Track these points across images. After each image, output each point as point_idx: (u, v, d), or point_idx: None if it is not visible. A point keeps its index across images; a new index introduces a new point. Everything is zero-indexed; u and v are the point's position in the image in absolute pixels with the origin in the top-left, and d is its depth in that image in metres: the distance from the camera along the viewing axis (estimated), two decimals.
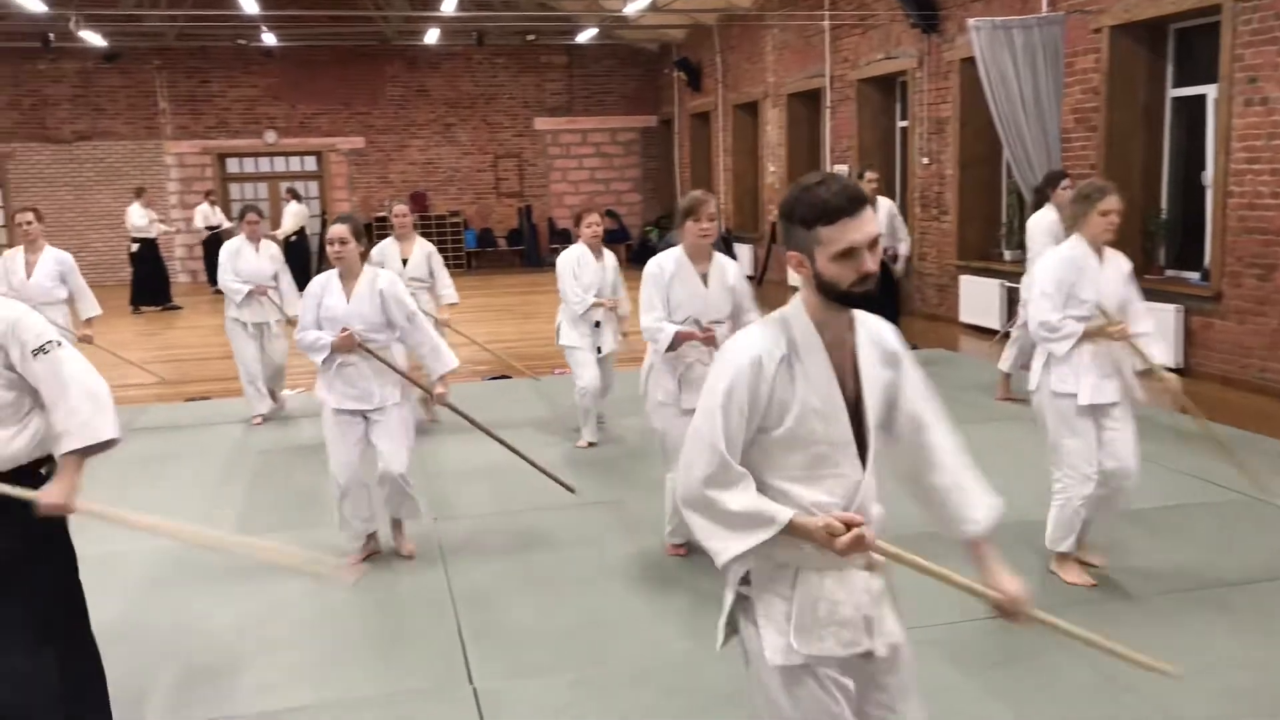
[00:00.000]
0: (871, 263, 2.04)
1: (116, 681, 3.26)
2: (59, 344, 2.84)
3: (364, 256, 4.69)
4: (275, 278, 7.69)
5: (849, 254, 2.01)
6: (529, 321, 12.74)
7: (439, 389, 4.81)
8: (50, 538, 2.93)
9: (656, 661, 3.83)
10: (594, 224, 6.55)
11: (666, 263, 4.61)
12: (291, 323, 7.26)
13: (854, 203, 2.01)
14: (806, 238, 2.05)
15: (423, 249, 7.42)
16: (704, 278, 4.55)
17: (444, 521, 5.37)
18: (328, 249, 4.63)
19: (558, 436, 7.08)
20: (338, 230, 4.56)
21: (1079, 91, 8.84)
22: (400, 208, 7.42)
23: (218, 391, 8.85)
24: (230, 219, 16.06)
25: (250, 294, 7.52)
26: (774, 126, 15.04)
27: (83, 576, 3.10)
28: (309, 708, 3.57)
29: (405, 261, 7.27)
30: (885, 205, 8.62)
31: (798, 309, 2.13)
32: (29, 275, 7.10)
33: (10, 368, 2.79)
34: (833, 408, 2.11)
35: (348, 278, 4.65)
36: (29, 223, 7.10)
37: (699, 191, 4.70)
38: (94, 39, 16.12)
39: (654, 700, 3.56)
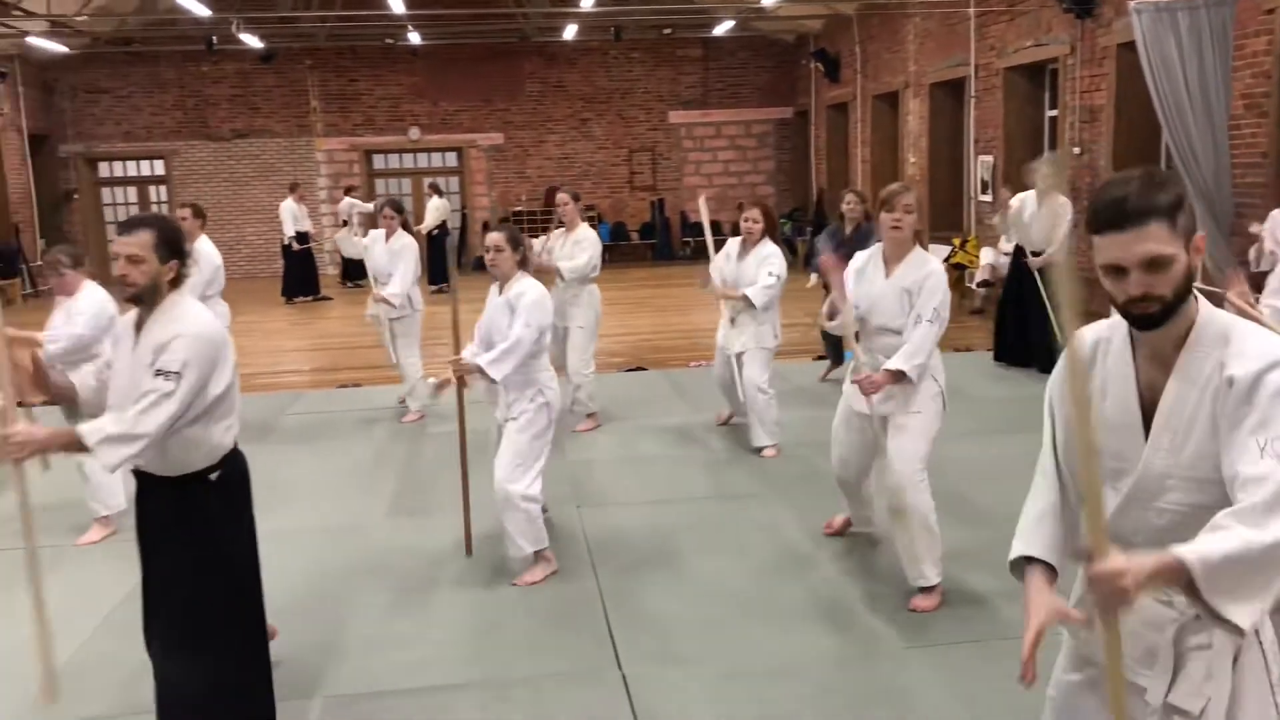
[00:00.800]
0: (1139, 286, 1.77)
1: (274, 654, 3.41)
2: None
3: (523, 264, 4.63)
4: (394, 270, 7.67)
5: (1114, 271, 1.80)
6: (661, 315, 12.79)
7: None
8: (223, 516, 3.07)
9: (805, 656, 3.81)
10: (747, 218, 6.39)
11: (864, 258, 4.32)
12: (388, 303, 7.38)
13: (1124, 216, 1.76)
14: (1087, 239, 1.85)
15: (587, 234, 7.21)
16: (888, 275, 4.18)
17: (588, 510, 5.44)
18: (485, 255, 4.67)
19: (700, 429, 7.09)
20: (493, 238, 4.58)
21: (1249, 76, 8.35)
22: (561, 195, 7.26)
23: (366, 379, 9.16)
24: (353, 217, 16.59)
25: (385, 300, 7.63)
26: (915, 117, 14.71)
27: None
28: (458, 686, 3.67)
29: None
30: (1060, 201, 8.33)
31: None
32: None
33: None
34: (1124, 423, 1.89)
35: (502, 285, 4.64)
36: (183, 219, 7.27)
37: (896, 184, 4.31)
38: (252, 41, 16.88)
39: (803, 696, 3.53)
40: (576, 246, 7.03)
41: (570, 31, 17.61)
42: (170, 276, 2.95)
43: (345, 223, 16.45)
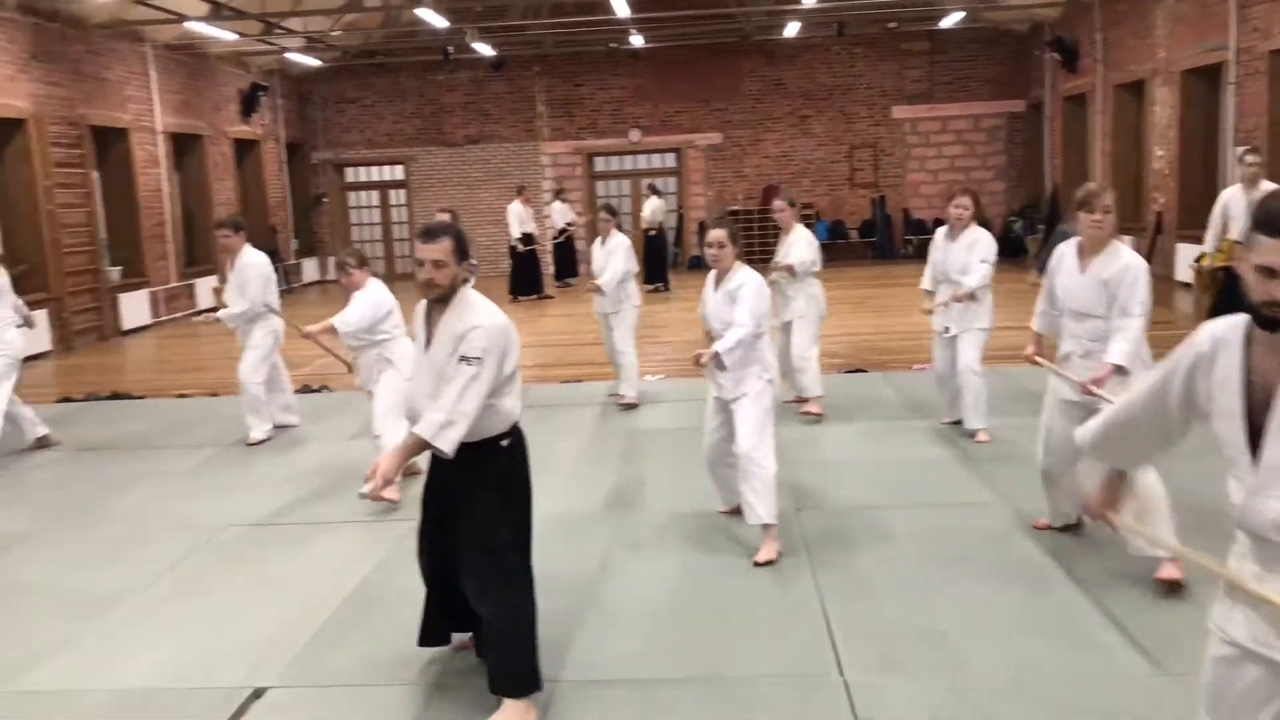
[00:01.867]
0: None
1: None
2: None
3: (740, 258, 4.82)
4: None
5: (1268, 273, 1.94)
6: (882, 315, 12.46)
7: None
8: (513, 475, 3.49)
9: (1033, 673, 3.60)
10: (958, 205, 6.42)
11: (1064, 251, 4.57)
12: (599, 290, 7.82)
13: None
14: (1250, 234, 1.99)
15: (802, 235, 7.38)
16: (1084, 270, 4.44)
17: (807, 512, 5.35)
18: (705, 251, 4.84)
19: (920, 431, 6.86)
20: (716, 235, 4.75)
21: None
22: (778, 202, 7.36)
23: (587, 375, 9.39)
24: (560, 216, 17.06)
25: (598, 288, 7.88)
26: (1163, 107, 13.70)
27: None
28: (678, 681, 3.67)
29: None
30: (1268, 190, 7.80)
31: None
32: None
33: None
34: (1230, 415, 2.08)
35: (719, 278, 4.81)
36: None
37: (1094, 183, 4.62)
38: (484, 50, 17.68)
39: (1032, 715, 3.34)
40: (792, 248, 7.25)
41: (791, 29, 17.46)
42: (462, 276, 3.35)
43: (565, 230, 16.98)
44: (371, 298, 5.82)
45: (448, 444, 3.20)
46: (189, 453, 7.19)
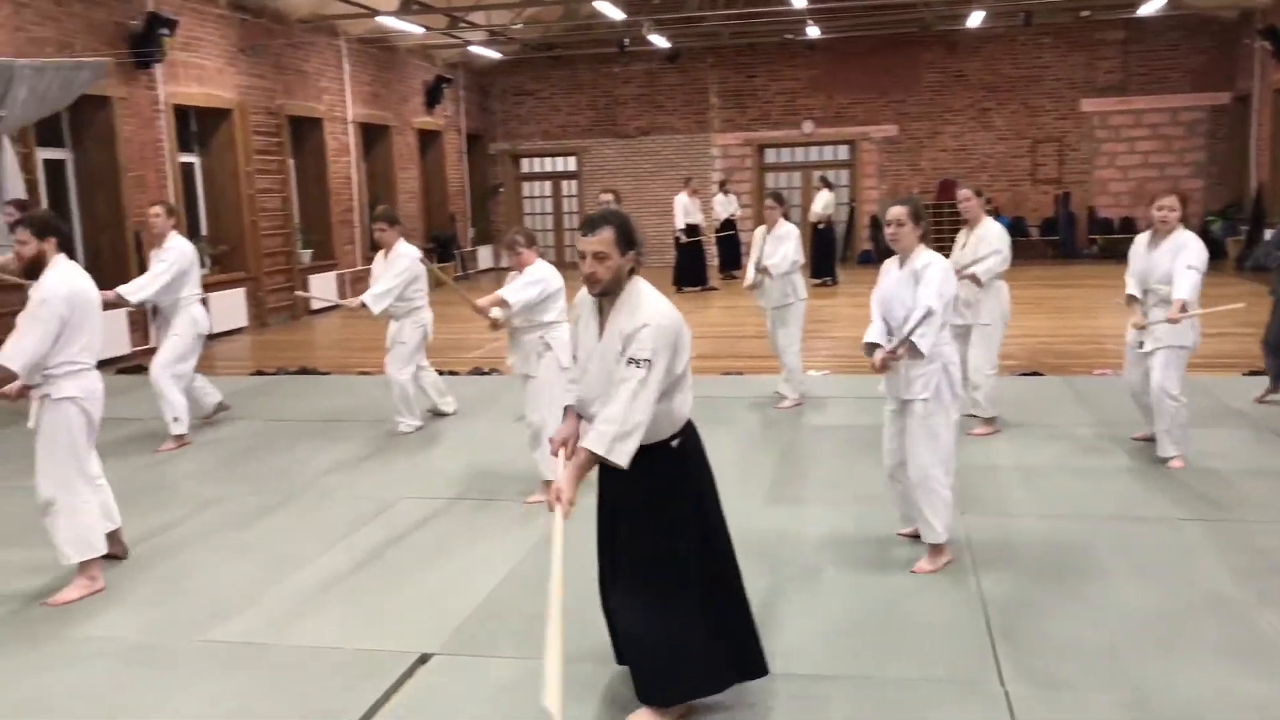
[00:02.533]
0: None
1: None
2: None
3: (924, 238, 4.52)
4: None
5: None
6: (1062, 317, 11.91)
7: None
8: (682, 477, 3.32)
9: (1221, 703, 3.37)
10: (1162, 206, 5.78)
11: None
12: (767, 273, 7.68)
13: None
14: None
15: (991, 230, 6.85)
16: None
17: (974, 517, 5.18)
18: (886, 230, 4.60)
19: (1105, 441, 6.53)
20: (896, 212, 4.48)
21: None
22: (963, 191, 6.86)
23: (747, 367, 9.35)
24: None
25: (766, 271, 7.75)
26: None
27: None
28: (830, 678, 3.62)
29: None
30: None
31: None
32: None
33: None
34: None
35: (903, 259, 4.54)
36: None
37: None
38: (660, 42, 17.81)
39: None
40: (982, 243, 6.74)
41: (975, 19, 16.86)
42: (630, 267, 3.19)
43: (728, 221, 16.89)
44: (540, 275, 5.76)
45: (623, 457, 3.07)
46: (368, 427, 7.55)
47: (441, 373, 8.35)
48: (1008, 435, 6.77)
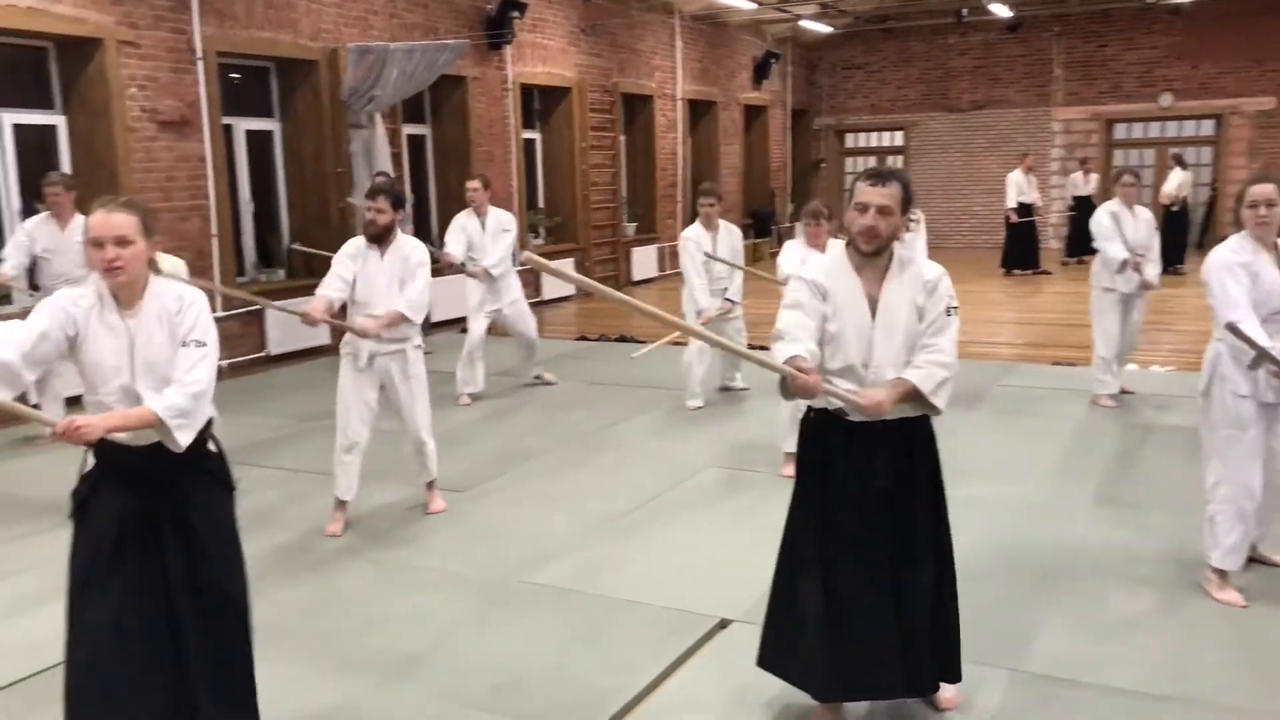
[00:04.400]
0: None
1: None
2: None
3: None
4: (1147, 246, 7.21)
5: None
6: None
7: None
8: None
9: None
10: None
11: None
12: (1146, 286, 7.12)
13: None
14: None
15: None
16: None
17: None
18: (1246, 213, 3.96)
19: None
20: (1261, 191, 3.91)
21: None
22: None
23: (1081, 358, 8.71)
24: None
25: (1124, 263, 7.09)
26: None
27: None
28: (1157, 697, 3.33)
29: None
30: None
31: None
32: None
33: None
34: None
35: (1265, 247, 3.97)
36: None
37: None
38: (1000, 11, 16.87)
39: None
40: None
41: None
42: (904, 228, 3.07)
43: (1076, 201, 15.76)
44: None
45: (941, 402, 2.97)
46: (680, 397, 7.76)
47: (753, 347, 8.41)
48: None
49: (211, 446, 2.91)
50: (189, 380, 2.75)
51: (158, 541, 2.78)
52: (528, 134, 13.32)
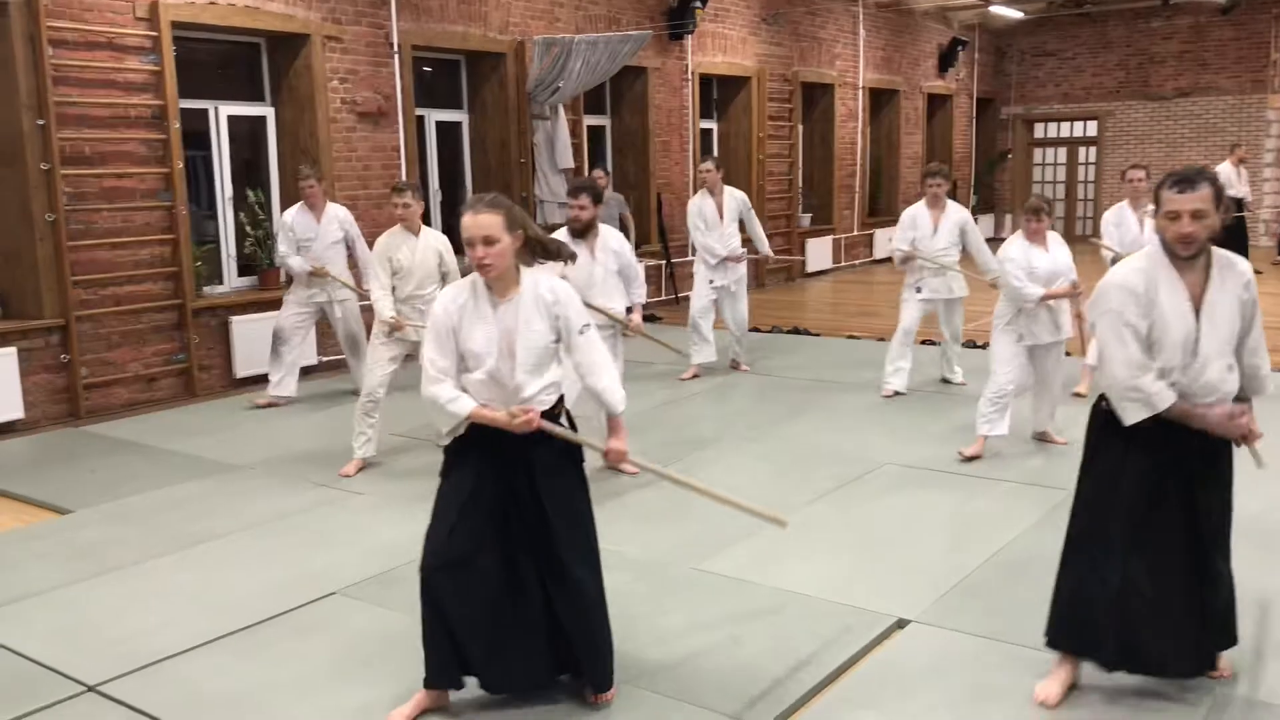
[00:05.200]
0: None
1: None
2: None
3: None
4: None
5: None
6: None
7: None
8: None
9: None
10: None
11: None
12: None
13: None
14: None
15: None
16: None
17: None
18: None
19: None
20: None
21: None
22: None
23: None
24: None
25: None
26: None
27: None
28: None
29: None
30: None
31: None
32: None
33: None
34: None
35: None
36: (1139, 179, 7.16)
37: None
38: None
39: None
40: None
41: None
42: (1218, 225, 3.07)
43: None
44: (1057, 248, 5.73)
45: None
46: (856, 391, 7.62)
47: (967, 344, 8.22)
48: None
49: (564, 420, 3.25)
50: (599, 362, 3.24)
51: (511, 500, 3.15)
52: (705, 124, 13.33)
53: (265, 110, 8.69)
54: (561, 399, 3.26)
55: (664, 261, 12.34)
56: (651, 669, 3.50)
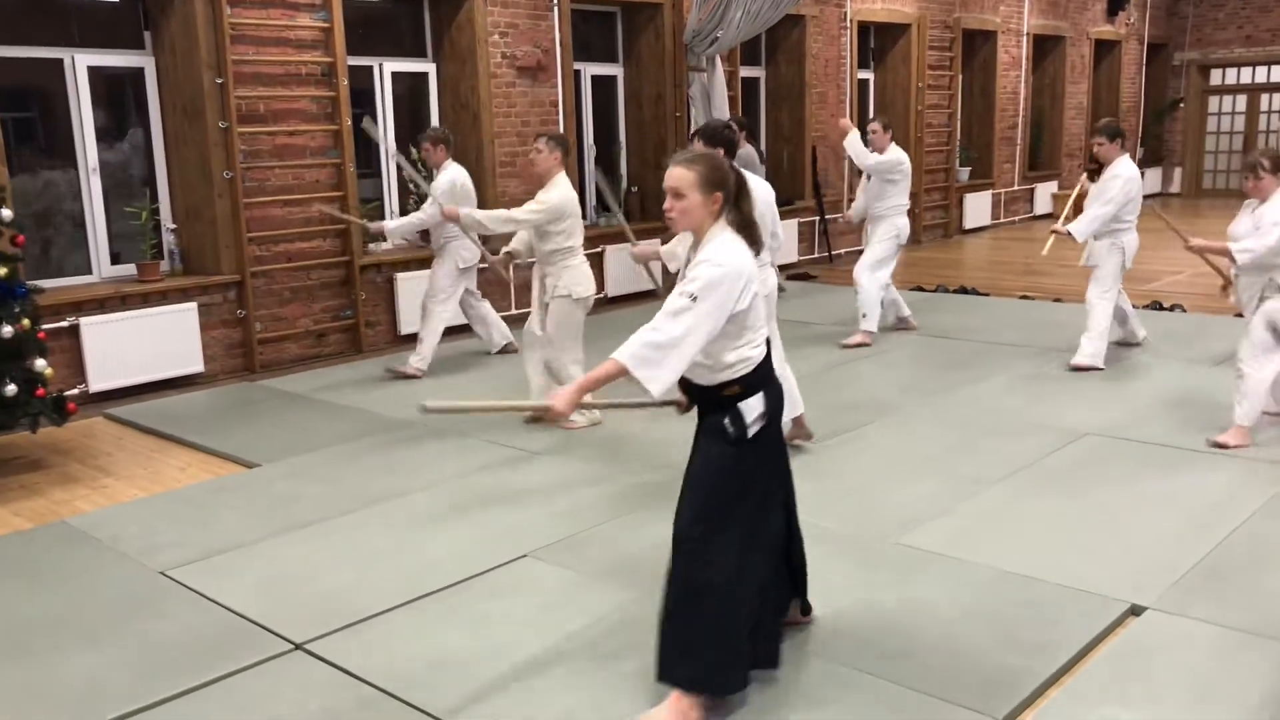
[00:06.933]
0: None
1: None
2: None
3: None
4: None
5: None
6: None
7: None
8: None
9: None
10: None
11: None
12: None
13: None
14: None
15: None
16: None
17: None
18: None
19: None
20: None
21: None
22: None
23: None
24: None
25: None
26: None
27: None
28: None
29: None
30: None
31: None
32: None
33: None
34: None
35: None
36: None
37: None
38: None
39: None
40: None
41: None
42: None
43: None
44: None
45: None
46: (1036, 355, 7.20)
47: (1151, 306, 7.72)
48: None
49: (730, 394, 2.91)
50: (653, 325, 2.81)
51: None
52: (862, 74, 12.82)
53: (427, 66, 8.67)
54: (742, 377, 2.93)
55: (817, 218, 11.95)
56: (872, 652, 3.29)
